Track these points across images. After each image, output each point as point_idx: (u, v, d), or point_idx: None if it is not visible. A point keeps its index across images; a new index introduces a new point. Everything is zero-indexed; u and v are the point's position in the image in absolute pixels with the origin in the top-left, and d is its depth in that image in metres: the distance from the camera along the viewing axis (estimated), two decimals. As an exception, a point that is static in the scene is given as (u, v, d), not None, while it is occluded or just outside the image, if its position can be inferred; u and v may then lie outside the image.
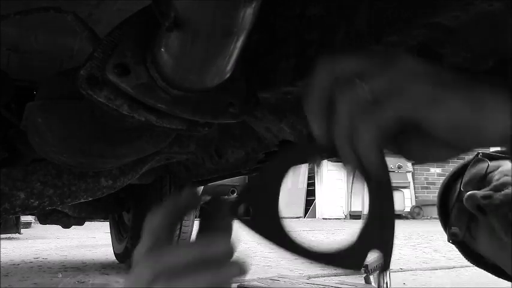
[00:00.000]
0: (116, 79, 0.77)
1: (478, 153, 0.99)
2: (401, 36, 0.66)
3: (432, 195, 10.55)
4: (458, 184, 0.99)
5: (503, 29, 0.61)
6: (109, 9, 1.21)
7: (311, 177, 10.87)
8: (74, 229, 3.77)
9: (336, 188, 10.46)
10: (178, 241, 1.72)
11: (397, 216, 8.92)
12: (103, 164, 1.26)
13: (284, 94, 0.93)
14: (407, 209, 9.92)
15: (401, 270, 3.34)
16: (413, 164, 10.13)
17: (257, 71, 0.94)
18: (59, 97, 1.11)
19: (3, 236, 5.60)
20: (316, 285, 2.62)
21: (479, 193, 0.89)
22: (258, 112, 1.11)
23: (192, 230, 2.67)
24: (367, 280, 2.37)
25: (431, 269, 3.44)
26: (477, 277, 2.85)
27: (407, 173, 10.04)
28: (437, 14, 0.61)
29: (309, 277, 2.96)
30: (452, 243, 1.00)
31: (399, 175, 9.59)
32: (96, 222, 5.13)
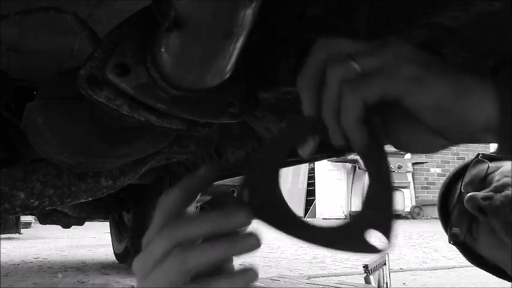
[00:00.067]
0: (116, 79, 0.77)
1: (479, 154, 0.99)
2: (401, 36, 0.66)
3: (432, 195, 10.55)
4: (458, 185, 0.99)
5: (503, 29, 0.61)
6: (109, 9, 1.21)
7: (311, 177, 10.88)
8: (74, 229, 3.78)
9: (336, 188, 10.46)
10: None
11: (397, 216, 8.93)
12: (103, 164, 1.26)
13: (284, 94, 0.93)
14: (407, 209, 9.91)
15: (401, 270, 3.34)
16: (413, 164, 10.15)
17: (257, 71, 0.94)
18: (59, 97, 1.10)
19: (3, 236, 5.61)
20: (316, 285, 2.62)
21: (479, 194, 0.88)
22: (258, 112, 1.11)
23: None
24: (367, 280, 2.36)
25: (431, 269, 3.45)
26: (477, 277, 2.85)
27: (407, 173, 10.03)
28: (437, 14, 0.61)
29: (309, 277, 2.96)
30: (453, 244, 1.00)
31: (399, 175, 9.58)
32: (96, 222, 5.13)
